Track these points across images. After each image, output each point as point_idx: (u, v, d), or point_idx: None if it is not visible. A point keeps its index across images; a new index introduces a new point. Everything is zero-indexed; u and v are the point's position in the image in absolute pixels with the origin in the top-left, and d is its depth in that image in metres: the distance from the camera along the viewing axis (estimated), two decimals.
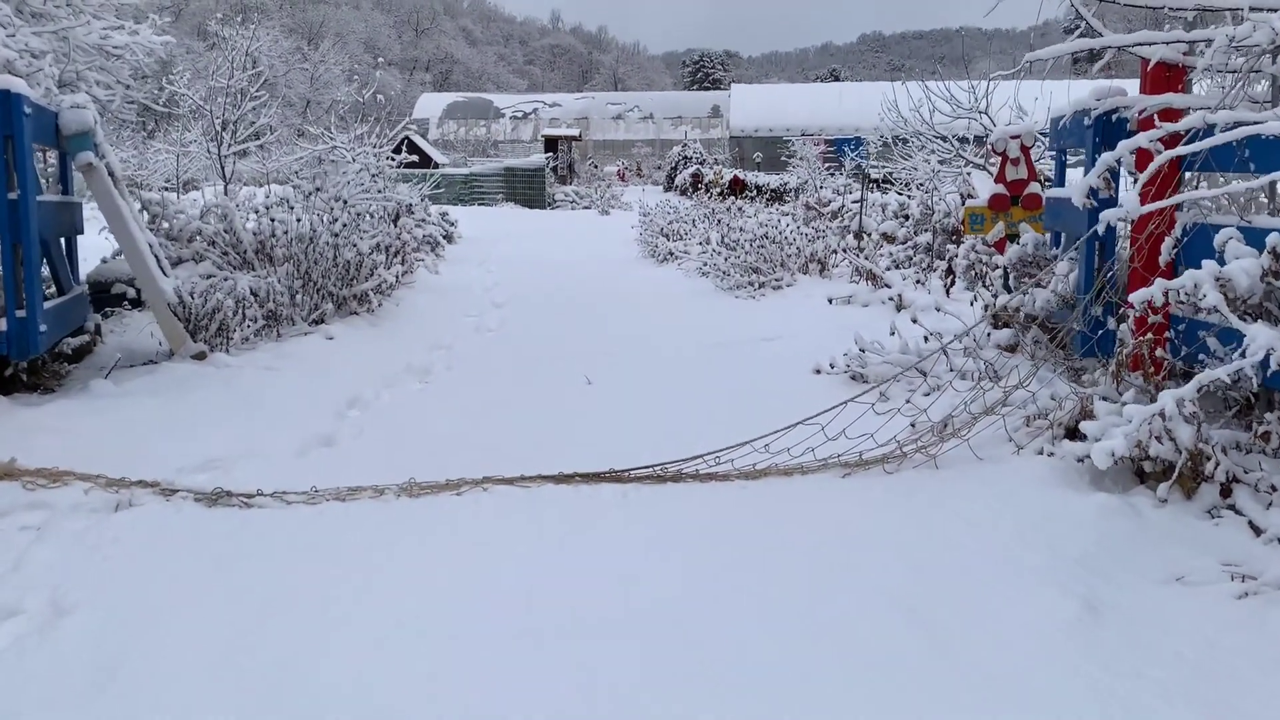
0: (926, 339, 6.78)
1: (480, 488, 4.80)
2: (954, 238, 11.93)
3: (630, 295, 10.31)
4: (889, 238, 10.75)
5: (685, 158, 40.63)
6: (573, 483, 4.87)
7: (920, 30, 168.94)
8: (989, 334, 6.88)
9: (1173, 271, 4.84)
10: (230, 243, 9.02)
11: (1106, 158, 4.55)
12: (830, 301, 8.82)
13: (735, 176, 35.26)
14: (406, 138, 33.62)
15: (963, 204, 11.72)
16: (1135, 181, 4.77)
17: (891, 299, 8.27)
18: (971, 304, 7.02)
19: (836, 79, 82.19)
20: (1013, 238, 8.80)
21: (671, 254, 13.32)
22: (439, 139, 54.30)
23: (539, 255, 15.16)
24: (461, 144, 52.94)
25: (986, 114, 13.98)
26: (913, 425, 5.32)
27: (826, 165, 41.28)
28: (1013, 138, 8.69)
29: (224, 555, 4.07)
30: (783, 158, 42.87)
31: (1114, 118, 5.45)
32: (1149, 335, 4.80)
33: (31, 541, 4.09)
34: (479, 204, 29.66)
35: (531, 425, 5.85)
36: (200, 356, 6.90)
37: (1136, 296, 4.36)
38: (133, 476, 4.95)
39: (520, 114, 58.62)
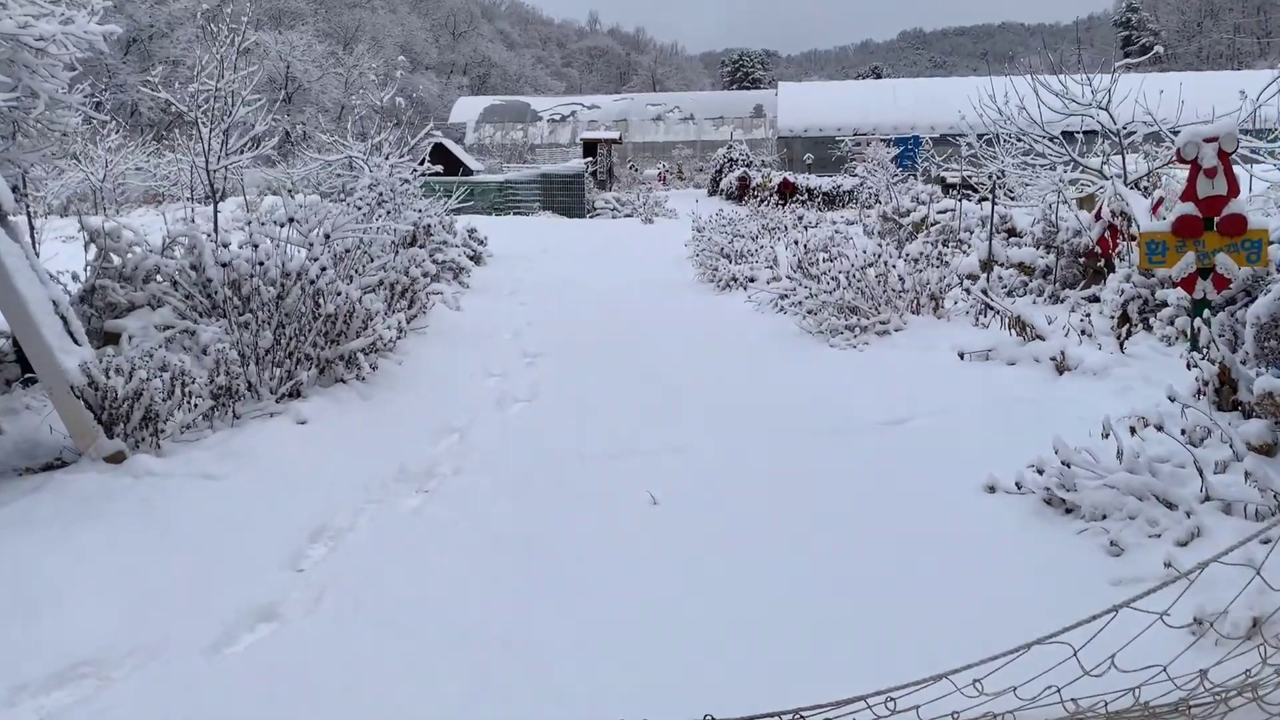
0: (1133, 429, 4.70)
1: None
2: (1080, 260, 9.79)
3: (696, 342, 8.26)
4: (1027, 269, 8.63)
5: (731, 159, 38.51)
6: None
7: (961, 26, 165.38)
8: (1230, 424, 4.79)
9: None
10: (198, 282, 7.17)
11: None
12: (962, 357, 6.74)
13: (785, 179, 33.15)
14: (438, 144, 31.87)
15: (1097, 219, 9.59)
16: None
17: (1053, 358, 6.17)
18: (1193, 373, 4.92)
19: (878, 76, 79.58)
20: (1204, 272, 6.68)
21: (735, 279, 11.29)
22: (475, 143, 52.67)
23: (579, 279, 13.17)
24: (498, 149, 51.29)
25: (1107, 110, 11.80)
26: (1198, 622, 3.26)
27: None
28: (1207, 140, 6.56)
29: None
30: (835, 158, 40.60)
31: None
32: None
33: None
34: (514, 213, 27.79)
35: (568, 587, 3.86)
36: (117, 458, 5.00)
37: None
38: None
39: (558, 116, 56.79)
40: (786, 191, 31.83)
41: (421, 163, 15.60)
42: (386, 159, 11.80)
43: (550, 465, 5.19)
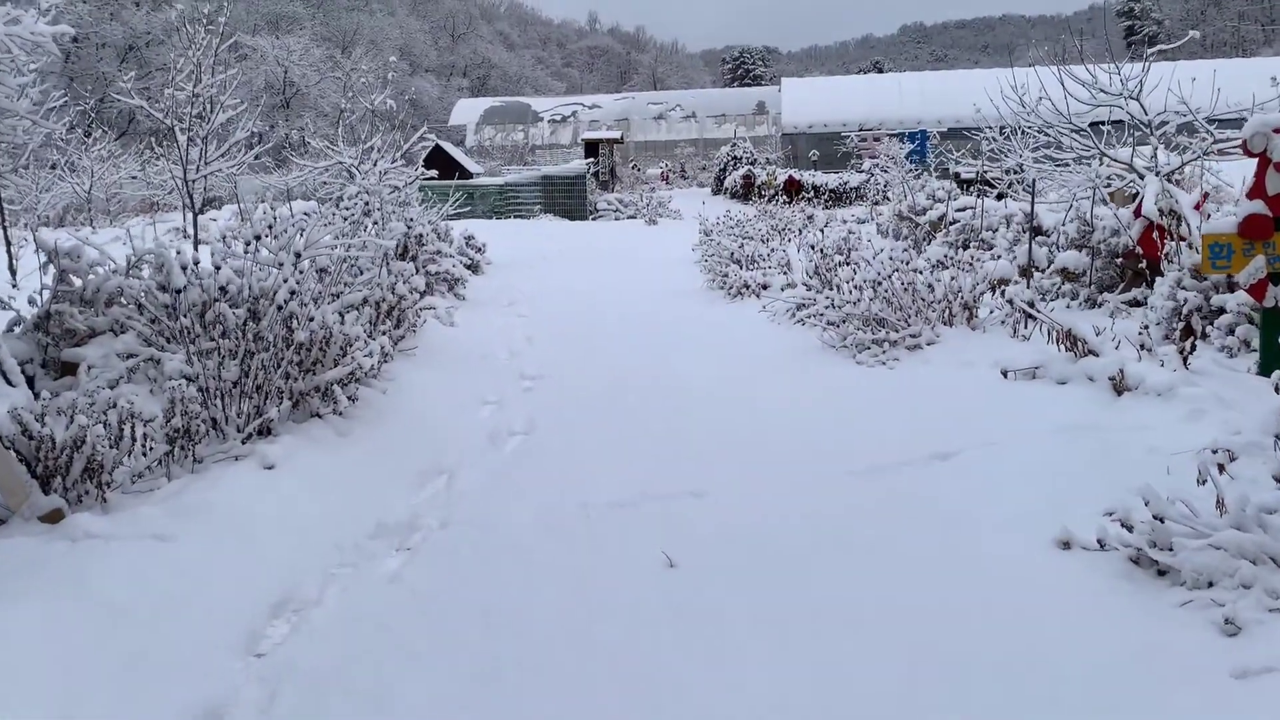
0: (1221, 466, 4.04)
1: None
2: (1117, 261, 9.12)
3: (708, 359, 7.59)
4: (1070, 275, 7.94)
5: (735, 158, 37.87)
6: None
7: (962, 19, 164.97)
8: None
9: None
10: (165, 305, 6.55)
11: None
12: (1005, 375, 6.08)
13: (790, 177, 32.52)
14: (436, 146, 31.22)
15: (1136, 217, 8.90)
16: None
17: (1111, 378, 5.51)
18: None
19: (880, 70, 78.68)
20: (1276, 277, 6.03)
21: (747, 286, 10.64)
22: (475, 145, 52.07)
23: (582, 287, 12.52)
24: (498, 150, 50.69)
25: (1137, 100, 11.13)
26: None
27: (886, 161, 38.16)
28: (1278, 131, 5.91)
29: None
30: (840, 154, 39.88)
31: None
32: None
33: None
34: (515, 216, 27.15)
35: (564, 683, 3.22)
36: (54, 517, 4.36)
37: None
38: None
39: (559, 117, 56.12)
40: (792, 189, 31.17)
41: (427, 164, 14.99)
42: (375, 165, 11.16)
43: (548, 515, 4.54)
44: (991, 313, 7.55)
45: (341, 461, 5.15)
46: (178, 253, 6.97)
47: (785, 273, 11.01)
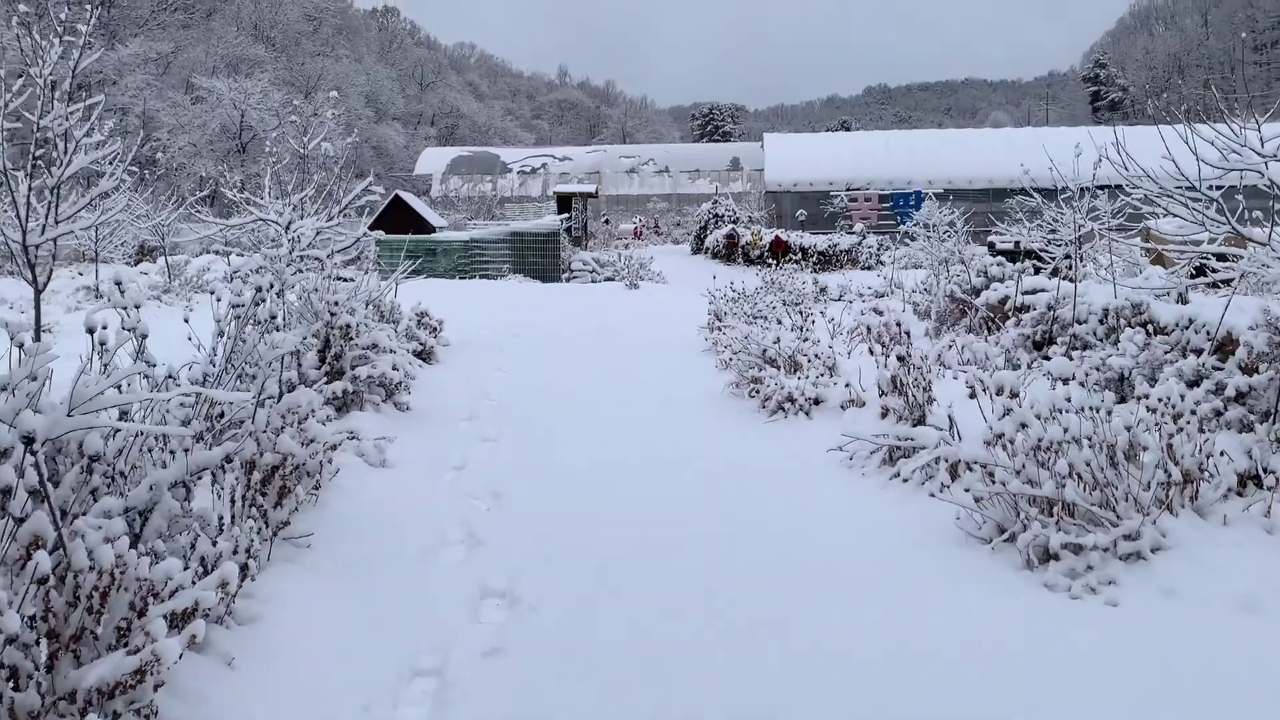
0: None
1: None
2: None
3: (790, 564, 4.62)
4: None
5: (716, 215, 35.63)
6: None
7: (926, 82, 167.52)
8: None
9: None
10: None
11: None
12: None
13: (777, 237, 30.48)
14: (396, 196, 28.49)
15: None
16: None
17: None
18: None
19: (846, 129, 77.80)
20: None
21: (791, 400, 7.91)
22: (441, 196, 49.58)
23: (567, 387, 9.69)
24: (465, 202, 48.17)
25: None
26: None
27: (881, 223, 36.05)
28: None
29: None
30: (828, 214, 37.75)
31: None
32: None
33: None
34: (481, 276, 24.39)
35: None
36: None
37: None
38: None
39: (528, 168, 53.77)
40: (779, 250, 28.91)
41: (378, 224, 12.24)
42: (288, 229, 8.32)
43: None
44: (1222, 488, 4.83)
45: None
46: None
47: (837, 376, 8.29)
